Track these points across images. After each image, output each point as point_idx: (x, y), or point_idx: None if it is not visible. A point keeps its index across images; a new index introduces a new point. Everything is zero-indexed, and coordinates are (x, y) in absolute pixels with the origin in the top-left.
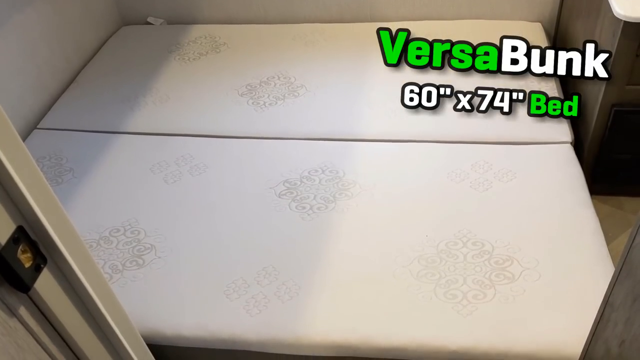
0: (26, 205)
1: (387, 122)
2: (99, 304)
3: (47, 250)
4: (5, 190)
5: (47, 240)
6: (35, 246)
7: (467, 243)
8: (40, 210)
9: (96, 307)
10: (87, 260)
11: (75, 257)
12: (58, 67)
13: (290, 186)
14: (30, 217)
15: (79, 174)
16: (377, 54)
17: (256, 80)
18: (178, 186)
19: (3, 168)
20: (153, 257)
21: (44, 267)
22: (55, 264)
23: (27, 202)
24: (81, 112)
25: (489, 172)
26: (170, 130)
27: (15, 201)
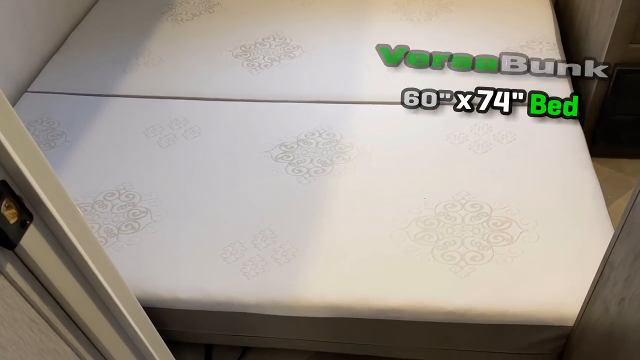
0: (8, 159)
1: (386, 84)
2: (88, 260)
3: (33, 206)
4: None
5: (32, 195)
6: (20, 202)
7: (466, 205)
8: (23, 163)
9: (85, 264)
10: (74, 216)
11: (63, 213)
12: (48, 28)
13: (286, 149)
14: (13, 171)
15: (71, 138)
16: (376, 14)
17: (251, 41)
18: (172, 150)
19: None
20: (148, 221)
21: (30, 224)
22: (42, 221)
23: (8, 155)
24: (72, 74)
25: (489, 134)
26: (163, 93)
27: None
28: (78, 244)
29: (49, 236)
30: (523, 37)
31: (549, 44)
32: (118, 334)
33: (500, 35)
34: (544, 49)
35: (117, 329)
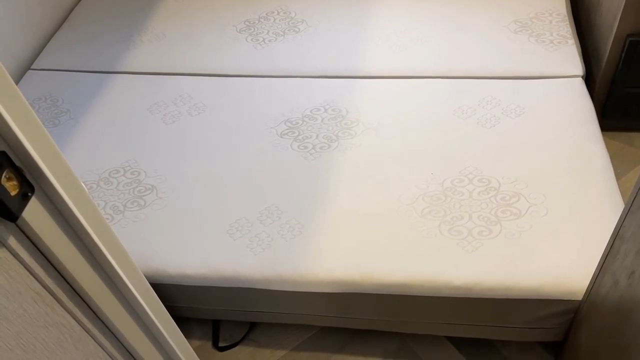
0: (7, 129)
1: (392, 58)
2: (91, 232)
3: (34, 178)
4: None
5: (33, 167)
6: (21, 173)
7: (473, 180)
8: (22, 134)
9: (88, 236)
10: (77, 188)
11: (65, 185)
12: (50, 4)
13: (291, 125)
14: (12, 142)
15: (75, 115)
16: None
17: (255, 15)
18: (177, 126)
19: None
20: (154, 198)
21: (31, 196)
22: (44, 192)
23: (7, 126)
24: (75, 51)
25: (497, 107)
26: (167, 69)
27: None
28: (81, 216)
29: (51, 208)
30: (532, 9)
31: (559, 16)
32: (124, 308)
33: (509, 7)
34: (554, 21)
35: (123, 303)
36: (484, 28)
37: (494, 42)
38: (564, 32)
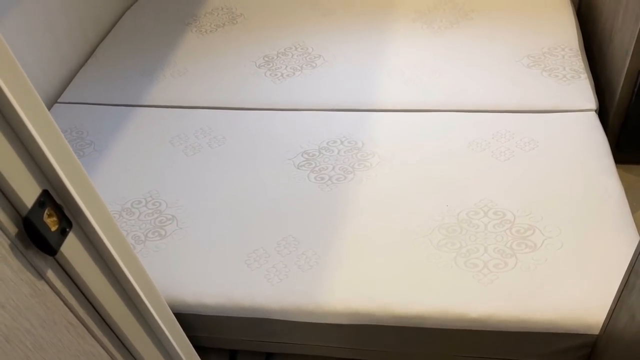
0: (50, 169)
1: (406, 92)
2: (123, 266)
3: (72, 214)
4: (30, 154)
5: (72, 204)
6: (61, 210)
7: (489, 212)
8: (64, 174)
9: (120, 270)
10: (110, 224)
11: (99, 221)
12: (77, 40)
13: (308, 157)
14: (54, 181)
15: (100, 147)
16: (397, 22)
17: (273, 51)
18: (198, 158)
19: (28, 133)
20: (175, 228)
21: (69, 231)
22: (80, 228)
23: (51, 166)
24: (101, 85)
25: (511, 141)
26: (189, 102)
27: (40, 165)
28: (113, 250)
29: (86, 243)
30: (545, 44)
31: (572, 50)
32: (150, 338)
33: (522, 42)
34: (566, 56)
35: (148, 333)
36: (497, 62)
37: (507, 76)
38: (577, 66)
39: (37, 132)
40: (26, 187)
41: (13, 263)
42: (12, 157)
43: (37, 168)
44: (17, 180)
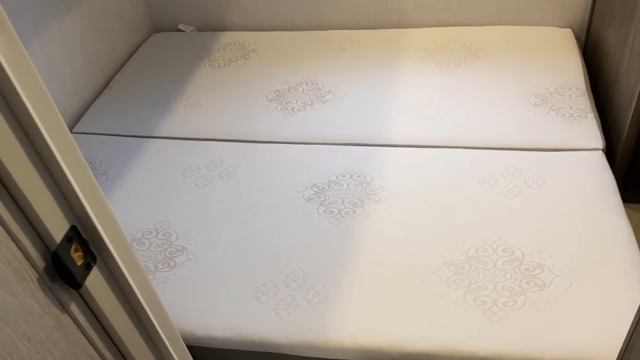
0: (79, 206)
1: (415, 128)
2: (143, 301)
3: (97, 249)
4: (61, 190)
5: (98, 239)
6: (86, 245)
7: (497, 250)
8: (91, 210)
9: (139, 304)
10: (132, 259)
11: (122, 256)
12: (92, 72)
13: (318, 190)
14: (82, 217)
15: (112, 177)
16: (406, 60)
17: (285, 86)
18: (208, 190)
19: (60, 170)
20: (184, 259)
21: (94, 266)
22: (104, 262)
23: (80, 203)
24: (114, 117)
25: (519, 178)
26: (201, 135)
27: (70, 201)
28: (134, 284)
29: (108, 277)
30: (552, 84)
31: (578, 90)
32: None
33: (529, 81)
34: (573, 95)
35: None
36: (505, 100)
37: (515, 114)
38: (584, 106)
39: (68, 169)
40: (56, 223)
41: (40, 297)
42: (44, 194)
43: (66, 204)
44: (47, 216)
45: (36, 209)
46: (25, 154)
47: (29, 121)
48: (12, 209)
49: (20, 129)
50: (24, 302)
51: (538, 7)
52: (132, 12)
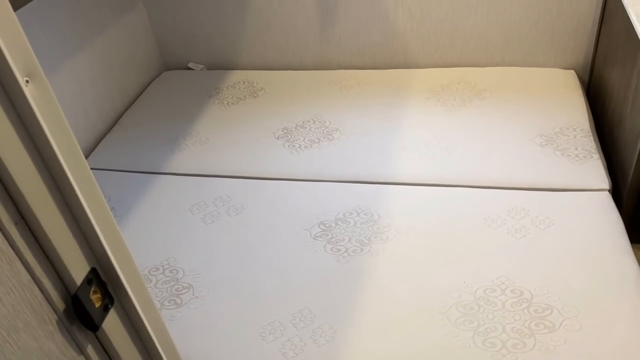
0: (100, 248)
1: (422, 166)
2: (157, 344)
3: (115, 291)
4: (83, 233)
5: (116, 281)
6: (105, 287)
7: (506, 290)
8: (111, 252)
9: (154, 346)
10: (147, 301)
11: (139, 298)
12: (104, 109)
13: (325, 228)
14: (102, 259)
15: (120, 213)
16: (411, 99)
17: (292, 123)
18: (216, 226)
19: (83, 212)
20: (191, 297)
21: (111, 308)
22: (121, 304)
23: (101, 245)
24: (124, 153)
25: (526, 218)
26: (209, 171)
27: (91, 244)
28: (149, 326)
29: (124, 319)
30: (557, 124)
31: (583, 131)
32: None
33: (534, 121)
34: (578, 136)
35: None
36: (510, 140)
37: (520, 154)
38: (589, 146)
39: (90, 211)
40: (77, 265)
41: (58, 339)
42: (67, 236)
43: (87, 246)
44: (69, 259)
45: (59, 252)
46: (52, 199)
47: (57, 165)
48: (36, 252)
49: (48, 174)
50: (44, 345)
51: (541, 49)
52: (143, 50)
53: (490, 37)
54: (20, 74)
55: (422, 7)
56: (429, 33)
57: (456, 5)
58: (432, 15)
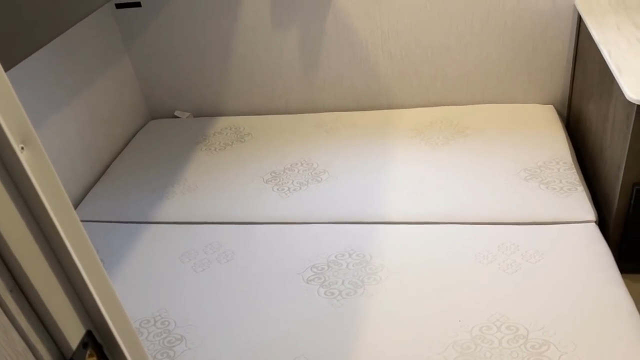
0: (95, 310)
1: (411, 204)
2: None
3: (111, 354)
4: (78, 296)
5: (112, 342)
6: (101, 349)
7: (501, 327)
8: (107, 313)
9: None
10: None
11: (134, 358)
12: (90, 160)
13: (317, 271)
14: (98, 322)
15: (109, 265)
16: (396, 139)
17: (280, 167)
18: (207, 274)
19: (79, 276)
20: (184, 349)
21: None
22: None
23: (96, 307)
24: (112, 203)
25: (516, 253)
26: (198, 218)
27: (86, 306)
28: None
29: None
30: (539, 158)
31: (566, 164)
32: None
33: (517, 156)
34: (561, 169)
35: None
36: (495, 176)
37: (506, 189)
38: (572, 179)
39: (85, 272)
40: (72, 329)
41: None
42: (62, 300)
43: (82, 309)
44: (64, 323)
45: (55, 317)
46: (48, 265)
47: (53, 231)
48: (32, 319)
49: (44, 239)
50: None
51: (520, 86)
52: (129, 101)
53: (470, 76)
54: (15, 141)
55: (401, 50)
56: (409, 74)
57: (435, 47)
58: (412, 58)
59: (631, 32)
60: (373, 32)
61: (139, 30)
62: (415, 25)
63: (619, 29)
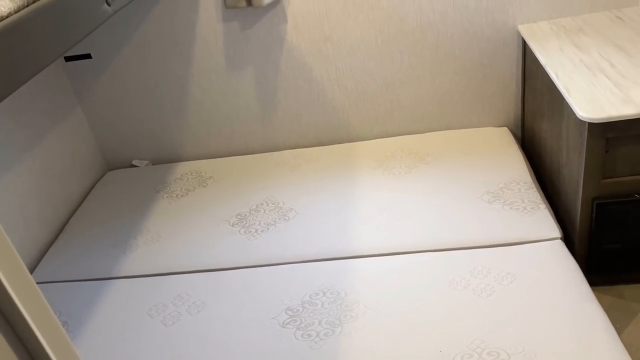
0: None
1: (380, 236)
2: None
3: None
4: None
5: None
6: None
7: (482, 354)
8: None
9: None
10: None
11: None
12: (47, 218)
13: (292, 314)
14: None
15: (73, 327)
16: (359, 171)
17: (246, 208)
18: (178, 328)
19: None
20: None
21: None
22: None
23: None
24: (72, 261)
25: (489, 276)
26: (164, 269)
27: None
28: None
29: None
30: (500, 180)
31: (526, 184)
32: None
33: (478, 180)
34: (522, 189)
35: None
36: (460, 200)
37: (471, 213)
38: (534, 198)
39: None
40: None
41: None
42: None
43: None
44: None
45: None
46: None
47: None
48: None
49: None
50: None
51: (474, 111)
52: (84, 154)
53: (424, 105)
54: None
55: (356, 85)
56: (366, 107)
57: (388, 80)
58: (367, 91)
59: (574, 53)
60: (327, 68)
61: (90, 82)
62: (368, 60)
63: (562, 51)
